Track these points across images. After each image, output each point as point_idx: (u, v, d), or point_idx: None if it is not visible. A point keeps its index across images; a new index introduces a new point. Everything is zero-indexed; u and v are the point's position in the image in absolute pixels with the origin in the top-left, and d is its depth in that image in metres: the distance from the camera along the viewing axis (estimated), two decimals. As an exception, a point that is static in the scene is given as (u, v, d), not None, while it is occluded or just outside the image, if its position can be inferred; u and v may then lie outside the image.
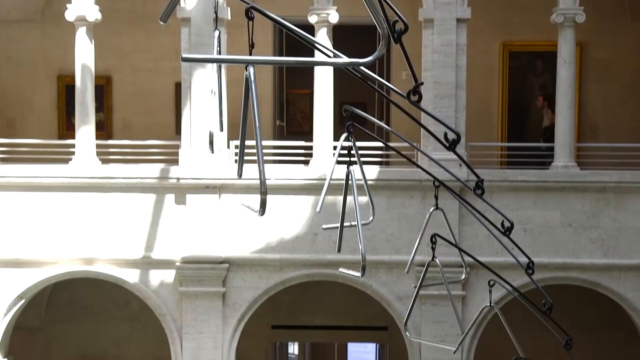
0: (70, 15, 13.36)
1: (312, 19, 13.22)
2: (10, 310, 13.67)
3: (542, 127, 15.55)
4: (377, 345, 18.42)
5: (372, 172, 13.26)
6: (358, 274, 4.61)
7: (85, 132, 13.55)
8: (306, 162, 13.63)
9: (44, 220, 13.48)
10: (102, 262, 13.53)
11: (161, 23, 4.36)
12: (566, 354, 5.16)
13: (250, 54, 3.58)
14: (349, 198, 4.36)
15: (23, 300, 13.79)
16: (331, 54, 3.73)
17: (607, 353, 16.00)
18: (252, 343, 15.74)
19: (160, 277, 13.58)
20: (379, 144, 12.79)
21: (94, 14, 13.40)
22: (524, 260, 4.93)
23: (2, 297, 13.53)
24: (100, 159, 13.71)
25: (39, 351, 16.64)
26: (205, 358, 13.50)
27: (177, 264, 13.47)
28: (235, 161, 13.22)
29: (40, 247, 13.48)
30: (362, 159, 4.47)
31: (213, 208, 13.39)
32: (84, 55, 13.45)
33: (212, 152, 4.30)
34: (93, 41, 13.50)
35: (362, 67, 3.45)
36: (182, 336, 13.53)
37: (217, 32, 4.74)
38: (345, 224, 4.62)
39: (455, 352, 5.40)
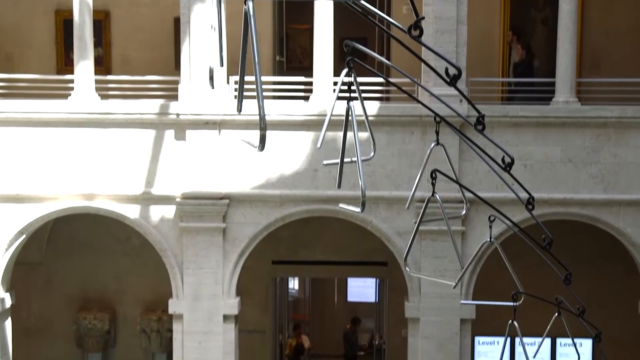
0: (67, -52, 13.19)
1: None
2: (11, 245, 13.74)
3: (512, 62, 15.47)
4: (377, 280, 18.55)
5: (373, 107, 13.21)
6: (358, 209, 4.61)
7: (84, 68, 13.47)
8: (306, 98, 13.57)
9: (43, 156, 13.47)
10: (102, 198, 13.55)
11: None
12: (565, 288, 5.19)
13: (249, -12, 3.53)
14: (349, 134, 4.34)
15: (24, 236, 13.85)
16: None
17: (606, 287, 16.11)
18: (252, 278, 15.84)
19: (161, 213, 13.62)
20: (380, 79, 12.72)
21: (91, -53, 13.23)
22: (524, 195, 4.92)
23: (2, 232, 13.59)
24: (99, 95, 13.65)
25: (40, 286, 16.77)
26: (206, 293, 13.60)
27: (177, 199, 13.50)
28: (235, 97, 13.16)
29: (40, 183, 13.49)
30: (363, 95, 4.43)
31: (213, 144, 13.37)
32: (82, -11, 13.31)
33: (212, 88, 4.26)
34: (90, -25, 13.36)
35: (362, 1, 3.40)
36: (182, 271, 13.61)
37: (215, -34, 4.66)
38: (345, 159, 4.60)
39: (454, 287, 5.42)
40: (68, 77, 13.99)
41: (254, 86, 3.54)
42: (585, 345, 16.22)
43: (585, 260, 15.73)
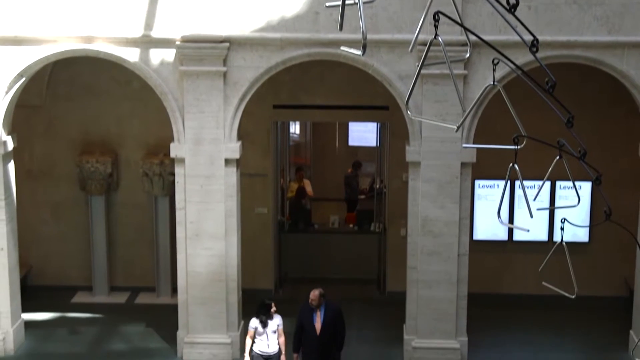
0: None
1: None
2: (11, 88, 13.69)
3: None
4: (378, 124, 18.57)
5: (375, -53, 12.87)
6: (359, 52, 4.54)
7: None
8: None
9: (40, -2, 13.25)
10: (102, 41, 13.41)
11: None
12: (567, 132, 5.16)
13: None
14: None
15: (23, 78, 13.78)
16: None
17: (607, 131, 16.14)
18: (253, 123, 15.86)
19: (161, 56, 13.50)
20: None
21: None
22: (528, 38, 4.83)
23: (2, 74, 13.51)
24: None
25: (41, 129, 16.81)
26: (207, 137, 13.63)
27: (177, 42, 13.35)
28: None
29: (39, 25, 13.32)
30: None
31: (212, -15, 13.13)
32: None
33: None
34: None
35: None
36: (183, 115, 13.60)
37: None
38: (347, 1, 4.49)
39: (456, 130, 5.39)
40: None
41: None
42: (585, 188, 16.41)
43: (587, 104, 15.72)
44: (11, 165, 14.35)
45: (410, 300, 14.31)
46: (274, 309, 12.55)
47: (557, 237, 16.33)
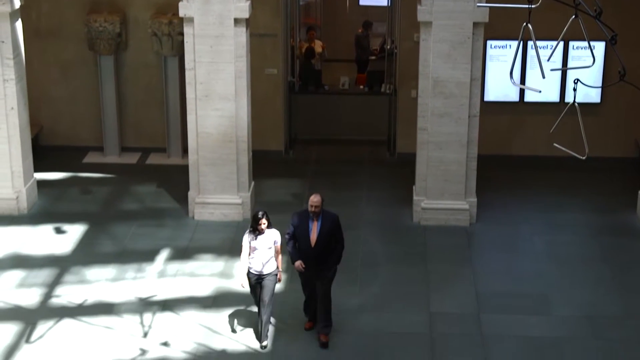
0: None
1: None
2: (16, -54, 13.40)
3: None
4: (390, -18, 18.19)
5: None
6: None
7: None
8: None
9: None
10: None
11: None
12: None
13: None
14: None
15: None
16: None
17: None
18: (263, -20, 15.57)
19: None
20: None
21: None
22: None
23: None
24: None
25: (49, -12, 16.56)
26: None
27: None
28: None
29: None
30: None
31: None
32: None
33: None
34: None
35: None
36: (191, -27, 13.35)
37: None
38: None
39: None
40: None
41: None
42: (599, 48, 16.21)
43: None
44: (19, 24, 14.18)
45: (420, 161, 14.33)
46: (264, 224, 10.85)
47: (569, 98, 16.22)
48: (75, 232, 14.12)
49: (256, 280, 10.93)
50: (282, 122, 17.32)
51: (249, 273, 10.93)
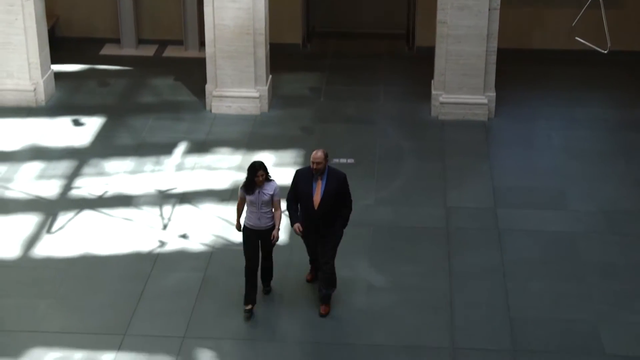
0: None
1: None
2: None
3: None
4: None
5: None
6: None
7: None
8: None
9: None
10: None
11: None
12: None
13: None
14: None
15: None
16: None
17: None
18: None
19: None
20: None
21: None
22: None
23: None
24: None
25: None
26: None
27: None
28: None
29: None
30: None
31: None
32: None
33: None
34: None
35: None
36: None
37: None
38: None
39: None
40: None
41: None
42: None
43: None
44: None
45: (439, 55, 14.19)
46: (262, 175, 9.52)
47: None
48: (93, 124, 14.15)
49: (255, 236, 9.76)
50: (300, 14, 17.11)
51: (245, 229, 9.77)
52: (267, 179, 9.58)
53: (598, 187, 12.50)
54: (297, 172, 9.83)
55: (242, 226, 9.82)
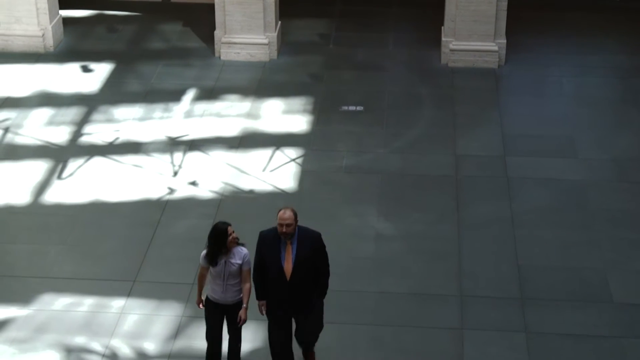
0: None
1: None
2: None
3: None
4: None
5: None
6: None
7: None
8: None
9: None
10: None
11: None
12: None
13: None
14: None
15: None
16: None
17: None
18: None
19: None
20: None
21: None
22: None
23: None
24: None
25: None
26: None
27: None
28: None
29: None
30: None
31: None
32: None
33: None
34: None
35: None
36: None
37: None
38: None
39: None
40: None
41: None
42: None
43: None
44: None
45: (450, 1, 14.07)
46: (231, 236, 7.81)
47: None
48: (102, 70, 14.11)
49: (220, 311, 8.09)
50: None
51: (207, 302, 8.09)
52: (237, 242, 7.89)
53: (609, 135, 12.45)
54: (261, 235, 7.91)
55: (203, 300, 8.13)
